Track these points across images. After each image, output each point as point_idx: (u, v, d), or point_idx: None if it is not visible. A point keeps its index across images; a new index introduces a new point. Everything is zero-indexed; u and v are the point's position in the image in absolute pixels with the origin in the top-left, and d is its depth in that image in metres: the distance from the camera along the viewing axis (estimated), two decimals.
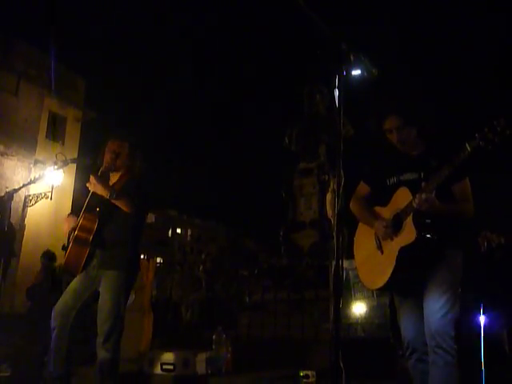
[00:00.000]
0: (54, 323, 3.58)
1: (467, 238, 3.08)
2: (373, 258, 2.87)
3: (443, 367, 2.60)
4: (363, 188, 3.10)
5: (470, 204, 2.79)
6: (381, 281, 2.77)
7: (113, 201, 3.52)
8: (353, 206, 3.05)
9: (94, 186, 3.53)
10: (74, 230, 3.65)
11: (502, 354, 5.98)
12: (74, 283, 3.65)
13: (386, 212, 2.87)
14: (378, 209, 2.96)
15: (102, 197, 3.58)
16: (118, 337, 3.54)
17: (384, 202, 2.93)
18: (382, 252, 2.81)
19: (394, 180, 2.93)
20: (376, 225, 2.85)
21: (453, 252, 2.80)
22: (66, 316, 3.54)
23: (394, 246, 2.73)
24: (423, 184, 2.64)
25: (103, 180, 3.58)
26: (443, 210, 2.67)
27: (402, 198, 2.76)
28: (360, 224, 3.06)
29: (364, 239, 2.98)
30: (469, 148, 2.48)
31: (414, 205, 2.63)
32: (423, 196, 2.59)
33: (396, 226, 2.76)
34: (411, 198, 2.68)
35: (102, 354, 3.47)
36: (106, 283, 3.56)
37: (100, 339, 3.48)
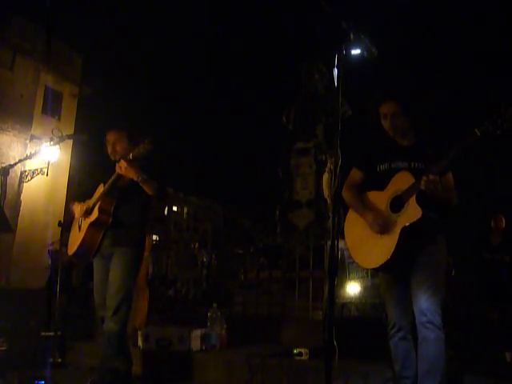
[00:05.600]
0: (101, 315, 3.75)
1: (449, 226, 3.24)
2: (369, 239, 2.93)
3: (434, 341, 2.72)
4: (356, 174, 3.18)
5: (455, 193, 2.96)
6: (380, 259, 2.84)
7: (141, 184, 3.61)
8: (344, 194, 3.14)
9: (125, 169, 3.58)
10: (85, 214, 3.77)
11: (493, 333, 6.07)
12: (96, 272, 3.82)
13: (383, 196, 2.95)
14: (373, 193, 3.04)
15: (121, 180, 3.69)
16: (127, 310, 3.66)
17: (374, 187, 3.04)
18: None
19: (384, 167, 3.04)
20: (371, 219, 2.92)
21: (440, 237, 2.96)
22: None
23: (395, 226, 2.81)
24: (429, 166, 2.75)
25: (135, 164, 3.63)
26: (441, 194, 2.78)
27: (403, 180, 2.86)
28: (351, 209, 3.15)
29: (356, 222, 3.06)
30: (478, 133, 2.57)
31: (420, 185, 2.73)
32: (430, 177, 2.69)
33: (395, 207, 2.85)
34: (413, 180, 2.78)
35: (110, 326, 3.59)
36: (116, 259, 3.68)
37: (109, 312, 3.59)
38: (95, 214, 3.67)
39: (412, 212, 2.77)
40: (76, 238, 3.81)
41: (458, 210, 3.03)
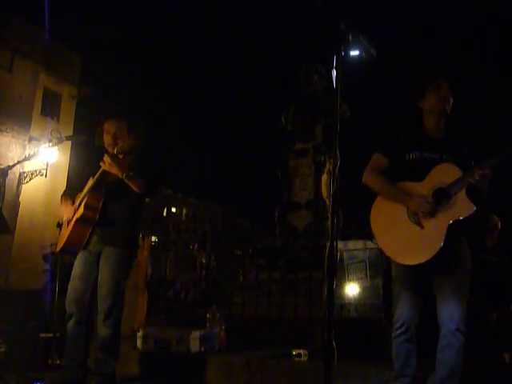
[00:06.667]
0: (70, 311, 3.58)
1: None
2: (408, 233, 2.77)
3: (459, 349, 2.71)
4: (380, 160, 2.98)
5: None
6: (425, 256, 2.68)
7: (126, 181, 3.48)
8: (371, 179, 2.95)
9: (109, 165, 3.46)
10: (74, 212, 3.65)
11: (491, 334, 6.07)
12: (78, 266, 3.65)
13: (422, 187, 2.79)
14: (408, 184, 2.85)
15: (109, 176, 3.56)
16: (119, 313, 3.55)
17: (402, 176, 2.88)
18: (423, 227, 2.74)
19: (415, 155, 2.89)
20: (415, 202, 2.74)
21: (463, 238, 2.89)
22: (81, 301, 3.56)
23: (442, 220, 2.68)
24: (476, 162, 2.69)
25: (118, 159, 3.51)
26: (486, 190, 2.73)
27: (448, 173, 2.74)
28: (380, 199, 2.94)
29: (389, 214, 2.87)
30: None
31: (472, 180, 2.62)
32: (486, 171, 2.61)
33: (438, 201, 2.72)
34: (460, 173, 2.68)
35: (103, 331, 3.48)
36: (105, 259, 3.56)
37: (101, 316, 3.49)
38: (81, 210, 3.54)
39: (463, 206, 2.65)
40: (64, 234, 3.69)
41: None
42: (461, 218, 2.65)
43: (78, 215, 3.57)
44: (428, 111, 2.96)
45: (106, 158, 3.47)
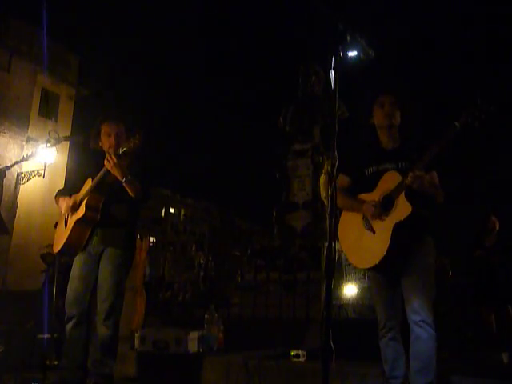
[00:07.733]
0: (70, 313, 3.57)
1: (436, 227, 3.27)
2: (363, 239, 2.96)
3: (428, 340, 2.76)
4: (343, 180, 3.18)
5: (441, 190, 2.99)
6: (375, 259, 2.86)
7: (124, 184, 3.48)
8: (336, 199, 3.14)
9: (113, 165, 3.44)
10: (72, 209, 3.62)
11: (490, 334, 6.09)
12: (78, 268, 3.64)
13: (373, 196, 2.98)
14: (363, 196, 3.05)
15: (109, 177, 3.54)
16: (118, 314, 3.55)
17: (363, 191, 3.06)
18: (374, 232, 2.91)
19: (372, 170, 3.09)
20: (364, 207, 2.95)
21: (429, 238, 3.01)
22: (81, 303, 3.55)
23: (387, 224, 2.84)
24: (414, 163, 2.81)
25: (122, 161, 3.49)
26: (428, 190, 2.84)
27: (391, 180, 2.90)
28: (343, 213, 3.16)
29: (350, 225, 3.08)
30: (458, 125, 2.64)
31: (407, 182, 2.77)
32: (416, 173, 2.74)
33: (386, 206, 2.88)
34: (401, 178, 2.83)
35: (102, 331, 3.48)
36: (106, 260, 3.56)
37: (101, 317, 3.49)
38: (82, 210, 3.52)
39: (403, 208, 2.80)
40: (62, 235, 3.66)
41: (446, 209, 3.07)
42: (401, 219, 2.79)
43: (78, 216, 3.55)
44: (378, 126, 3.14)
45: (112, 158, 3.45)
